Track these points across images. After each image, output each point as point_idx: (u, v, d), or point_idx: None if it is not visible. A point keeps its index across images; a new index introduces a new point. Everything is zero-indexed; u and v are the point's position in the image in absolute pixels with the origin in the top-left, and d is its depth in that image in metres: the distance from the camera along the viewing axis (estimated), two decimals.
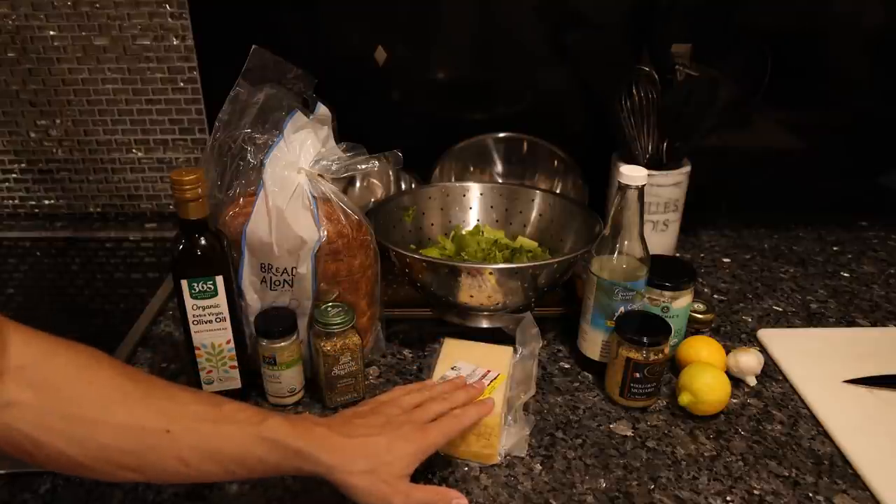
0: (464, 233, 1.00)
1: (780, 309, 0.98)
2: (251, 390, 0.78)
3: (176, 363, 0.84)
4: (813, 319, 0.95)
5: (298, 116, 0.75)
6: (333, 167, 0.75)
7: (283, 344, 0.73)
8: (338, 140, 0.79)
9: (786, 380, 0.82)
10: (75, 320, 0.95)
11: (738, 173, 1.20)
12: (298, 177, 0.74)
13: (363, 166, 0.76)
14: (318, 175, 0.75)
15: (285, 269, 0.74)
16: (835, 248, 1.16)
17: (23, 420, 0.49)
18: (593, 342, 0.81)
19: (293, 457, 0.56)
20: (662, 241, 1.04)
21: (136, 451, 0.52)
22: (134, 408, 0.53)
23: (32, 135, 1.16)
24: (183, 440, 0.53)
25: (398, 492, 0.58)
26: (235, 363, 0.75)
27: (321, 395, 0.77)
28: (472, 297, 0.82)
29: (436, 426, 0.63)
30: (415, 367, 0.84)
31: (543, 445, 0.72)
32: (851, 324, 0.95)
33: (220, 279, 0.70)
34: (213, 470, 0.55)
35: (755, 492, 0.66)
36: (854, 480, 0.68)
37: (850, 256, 1.13)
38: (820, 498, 0.66)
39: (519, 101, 1.14)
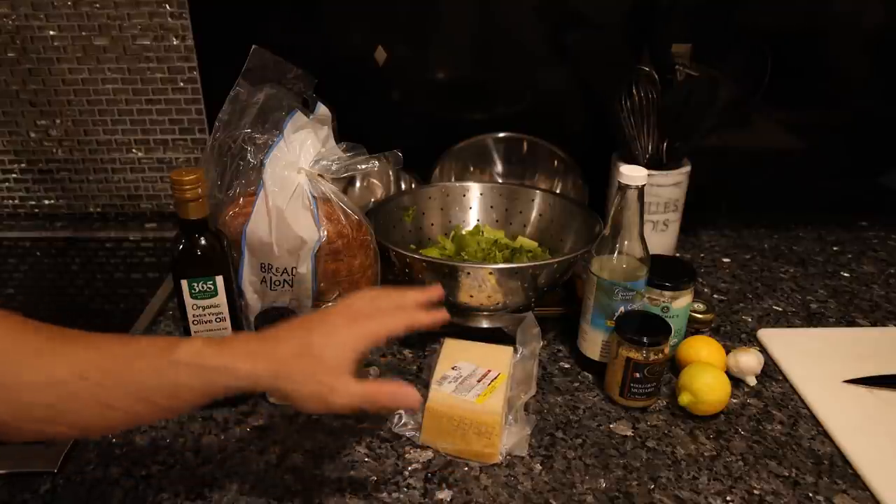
0: (464, 233, 1.00)
1: (780, 309, 0.98)
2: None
3: None
4: (813, 319, 0.95)
5: (298, 116, 0.75)
6: (333, 167, 0.75)
7: None
8: (338, 140, 0.79)
9: (786, 380, 0.82)
10: (75, 320, 0.94)
11: (738, 173, 1.20)
12: (298, 177, 0.74)
13: (363, 166, 0.76)
14: (318, 175, 0.75)
15: (285, 269, 0.74)
16: (835, 248, 1.16)
17: None
18: (593, 342, 0.81)
19: (217, 375, 0.54)
20: (662, 241, 1.04)
21: (56, 404, 0.51)
22: (47, 362, 0.52)
23: (32, 135, 1.16)
24: (102, 384, 0.52)
25: (336, 390, 0.56)
26: None
27: None
28: (472, 297, 0.82)
29: (374, 317, 0.60)
30: (415, 367, 0.84)
31: (543, 445, 0.72)
32: (851, 324, 0.95)
33: (220, 279, 0.70)
34: (142, 409, 0.53)
35: (755, 492, 0.66)
36: (854, 480, 0.68)
37: (850, 256, 1.13)
38: (820, 498, 0.66)
39: (519, 101, 1.14)
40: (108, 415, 0.53)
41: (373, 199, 1.02)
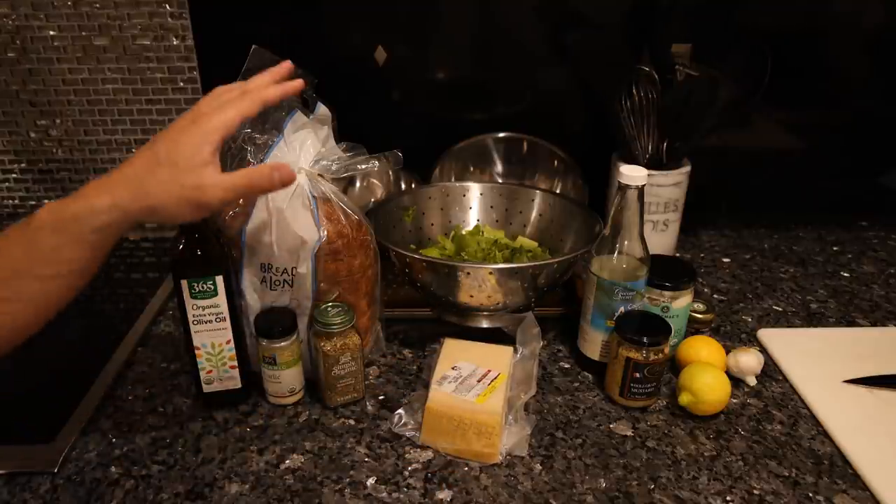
0: (464, 233, 1.00)
1: (780, 309, 0.98)
2: (251, 390, 0.78)
3: (176, 363, 0.84)
4: (813, 319, 0.95)
5: (298, 116, 0.75)
6: (333, 167, 0.75)
7: (283, 344, 0.73)
8: (338, 140, 0.79)
9: (786, 380, 0.82)
10: (75, 320, 0.95)
11: (738, 173, 1.20)
12: (298, 177, 0.74)
13: (363, 166, 0.76)
14: (318, 175, 0.75)
15: (285, 269, 0.74)
16: (835, 248, 1.16)
17: None
18: (593, 342, 0.81)
19: (80, 222, 0.53)
20: (662, 241, 1.04)
21: None
22: None
23: (32, 135, 1.16)
24: None
25: (202, 186, 0.54)
26: (235, 363, 0.75)
27: (321, 395, 0.77)
28: (472, 297, 0.82)
29: (220, 108, 0.57)
30: (415, 367, 0.84)
31: (543, 445, 0.72)
32: (851, 324, 0.95)
33: (219, 279, 0.70)
34: (35, 288, 0.53)
35: (755, 492, 0.66)
36: (854, 480, 0.68)
37: (850, 256, 1.13)
38: (820, 498, 0.66)
39: (519, 101, 1.14)
40: (10, 309, 0.52)
41: (373, 199, 1.02)
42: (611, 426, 0.75)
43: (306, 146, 0.75)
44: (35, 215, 0.54)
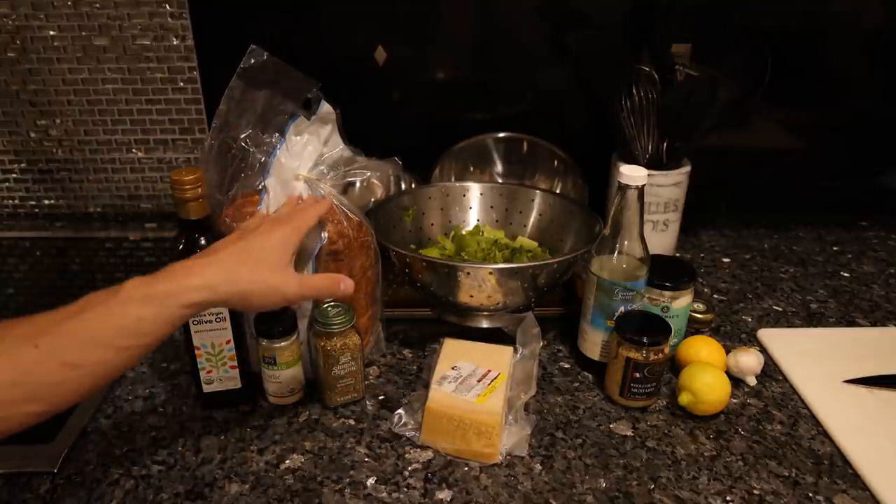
0: (464, 233, 1.00)
1: (780, 309, 0.98)
2: (251, 390, 0.78)
3: (176, 363, 0.84)
4: (813, 319, 0.95)
5: (300, 120, 0.75)
6: (330, 174, 0.76)
7: (283, 344, 0.73)
8: (346, 141, 0.79)
9: (786, 380, 0.82)
10: None
11: (738, 173, 1.20)
12: (297, 184, 0.74)
13: (360, 176, 0.78)
14: (317, 179, 0.75)
15: None
16: (835, 248, 1.16)
17: None
18: (593, 342, 0.81)
19: (170, 297, 0.56)
20: (662, 241, 1.04)
21: (19, 380, 0.51)
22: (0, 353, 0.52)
23: (32, 135, 1.16)
24: (56, 346, 0.52)
25: (289, 282, 0.62)
26: (235, 363, 0.75)
27: (321, 395, 0.77)
28: (472, 297, 0.82)
29: (293, 215, 0.67)
30: (415, 367, 0.84)
31: (543, 445, 0.72)
32: (851, 324, 0.95)
33: None
34: (105, 356, 0.54)
35: (755, 492, 0.66)
36: (854, 480, 0.68)
37: (850, 256, 1.13)
38: (820, 498, 0.66)
39: (519, 101, 1.14)
40: (76, 375, 0.53)
41: (373, 199, 1.01)
42: (611, 426, 0.75)
43: (307, 151, 0.75)
44: (121, 287, 0.56)
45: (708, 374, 0.75)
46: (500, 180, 1.11)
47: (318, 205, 0.71)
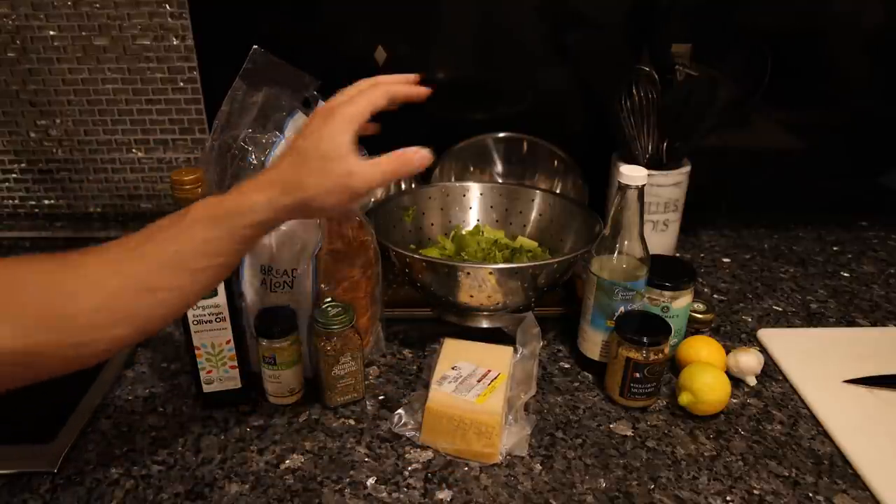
0: (464, 233, 1.00)
1: (780, 309, 0.98)
2: (251, 390, 0.78)
3: (176, 363, 0.84)
4: (813, 319, 0.95)
5: (299, 116, 0.75)
6: None
7: (283, 344, 0.73)
8: None
9: (786, 380, 0.82)
10: None
11: (738, 173, 1.20)
12: None
13: None
14: None
15: (285, 270, 0.74)
16: (835, 248, 1.16)
17: (9, 338, 0.49)
18: (593, 342, 0.81)
19: (235, 217, 0.55)
20: (662, 241, 1.04)
21: (105, 305, 0.52)
22: (85, 283, 0.52)
23: (32, 135, 1.16)
24: (136, 270, 0.53)
25: (352, 173, 0.57)
26: (235, 363, 0.75)
27: (321, 395, 0.77)
28: (472, 297, 0.82)
29: (350, 100, 0.60)
30: (415, 367, 0.84)
31: (543, 445, 0.72)
32: (851, 324, 0.95)
33: None
34: (184, 280, 0.54)
35: (755, 492, 0.66)
36: (854, 480, 0.68)
37: (850, 256, 1.13)
38: (820, 498, 0.66)
39: (519, 101, 1.14)
40: (157, 299, 0.54)
41: (373, 199, 1.02)
42: (611, 426, 0.75)
43: None
44: (190, 209, 0.56)
45: (708, 374, 0.75)
46: (500, 180, 1.11)
47: (370, 91, 0.61)
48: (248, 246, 0.58)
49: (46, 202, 1.22)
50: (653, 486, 0.67)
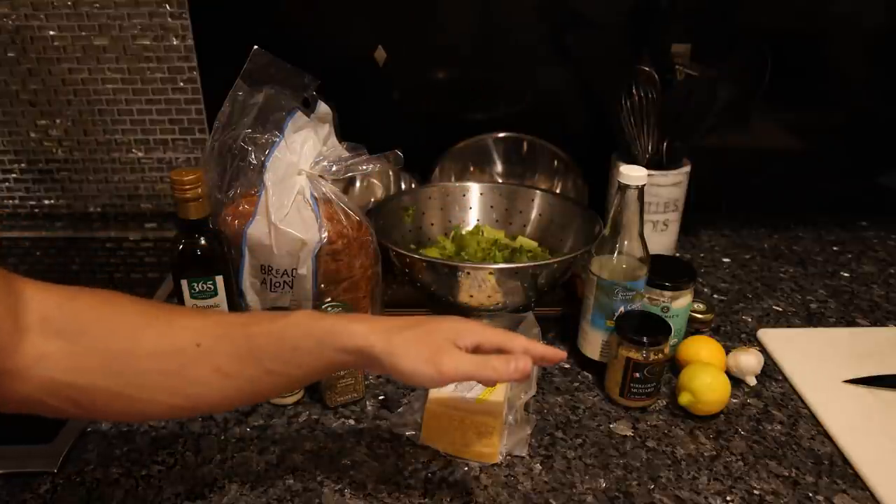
0: (464, 233, 1.00)
1: (780, 309, 0.98)
2: None
3: None
4: (813, 319, 0.95)
5: (299, 116, 0.75)
6: (333, 168, 0.75)
7: None
8: (340, 139, 0.79)
9: (786, 380, 0.82)
10: None
11: (738, 173, 1.20)
12: (299, 178, 0.74)
13: (364, 167, 0.76)
14: (319, 176, 0.75)
15: (285, 270, 0.74)
16: (835, 248, 1.16)
17: (58, 369, 0.49)
18: (593, 342, 0.81)
19: (330, 335, 0.54)
20: (662, 241, 1.04)
21: (171, 370, 0.52)
22: (162, 331, 0.53)
23: (32, 135, 1.16)
24: (215, 350, 0.53)
25: (443, 363, 0.54)
26: None
27: (321, 395, 0.77)
28: (472, 297, 0.82)
29: (488, 331, 0.59)
30: None
31: (543, 445, 0.72)
32: (851, 324, 0.95)
33: (219, 279, 0.70)
34: (257, 377, 0.54)
35: (755, 492, 0.66)
36: (854, 480, 0.68)
37: (850, 256, 1.13)
38: (820, 498, 0.66)
39: (519, 101, 1.14)
40: (224, 385, 0.53)
41: (373, 199, 1.02)
42: (611, 426, 0.75)
43: (307, 147, 0.75)
44: (293, 313, 0.56)
45: (708, 374, 0.75)
46: (500, 180, 1.11)
47: (514, 343, 0.59)
48: (331, 370, 0.59)
49: (46, 202, 1.22)
50: (653, 486, 0.67)
